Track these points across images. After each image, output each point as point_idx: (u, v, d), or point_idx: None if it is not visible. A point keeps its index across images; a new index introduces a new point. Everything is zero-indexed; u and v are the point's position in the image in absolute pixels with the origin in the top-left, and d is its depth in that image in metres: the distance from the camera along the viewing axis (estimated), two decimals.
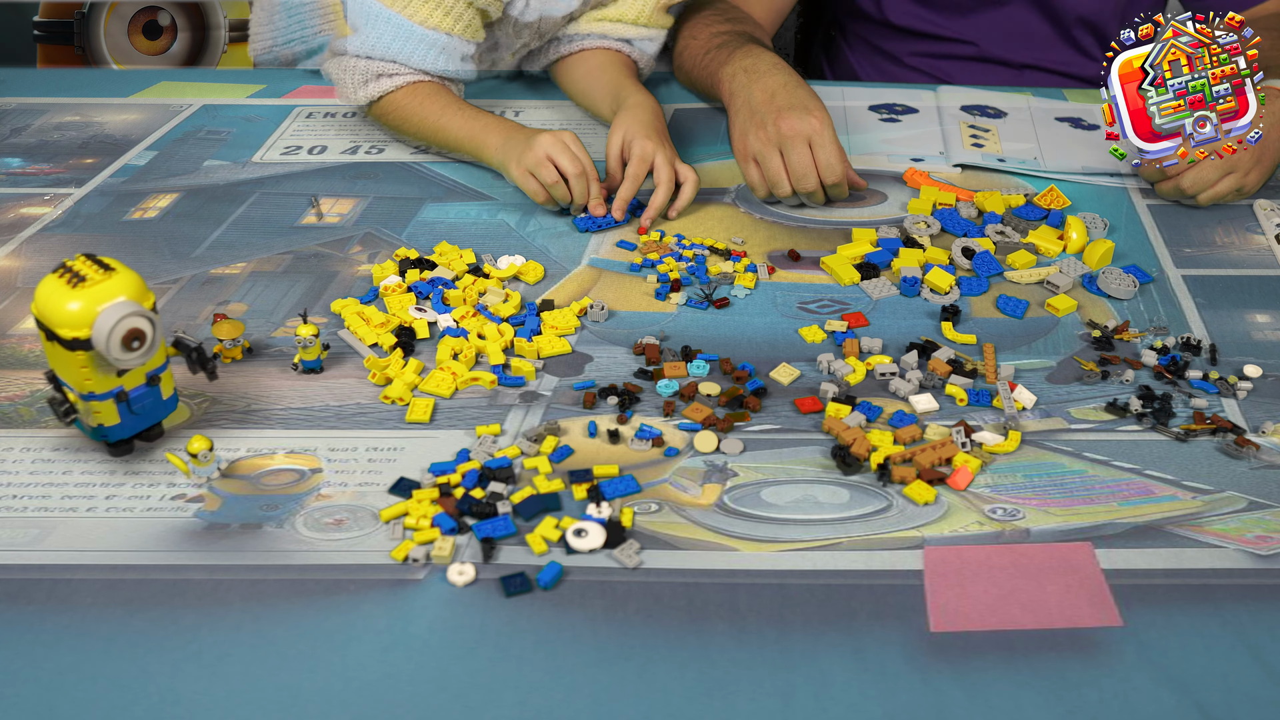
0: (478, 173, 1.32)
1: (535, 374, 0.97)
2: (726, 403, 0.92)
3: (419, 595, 0.75)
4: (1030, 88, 1.52)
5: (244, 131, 1.44)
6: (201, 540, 0.79)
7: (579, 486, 0.83)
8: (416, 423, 0.91)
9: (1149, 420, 0.90)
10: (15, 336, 1.03)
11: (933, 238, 1.18)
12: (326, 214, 1.24)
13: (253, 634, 0.72)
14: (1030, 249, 1.15)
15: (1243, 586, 0.75)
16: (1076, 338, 1.02)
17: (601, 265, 1.14)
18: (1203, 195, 1.22)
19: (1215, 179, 1.21)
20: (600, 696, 0.68)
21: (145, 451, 0.87)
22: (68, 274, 0.79)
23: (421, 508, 0.81)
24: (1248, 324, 1.04)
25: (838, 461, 0.86)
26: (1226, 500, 0.83)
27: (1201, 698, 0.67)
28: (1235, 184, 1.21)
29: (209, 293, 1.09)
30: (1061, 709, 0.67)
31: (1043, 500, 0.83)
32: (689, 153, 1.38)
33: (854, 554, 0.78)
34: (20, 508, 0.82)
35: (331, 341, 1.01)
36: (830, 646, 0.71)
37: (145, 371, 0.83)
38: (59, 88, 1.59)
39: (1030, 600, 0.74)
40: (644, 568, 0.77)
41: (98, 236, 1.20)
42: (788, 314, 1.06)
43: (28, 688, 0.68)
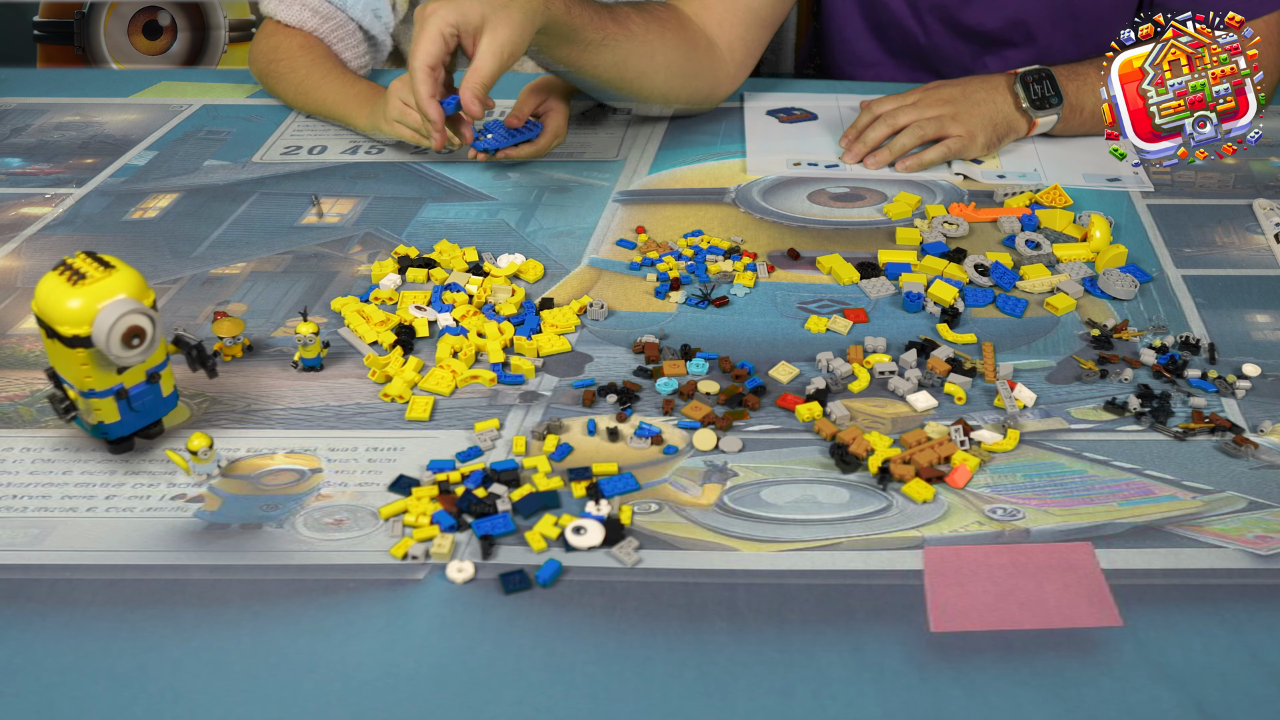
0: (478, 173, 1.32)
1: (535, 372, 0.97)
2: (725, 401, 0.93)
3: (418, 593, 0.75)
4: None
5: (244, 131, 1.44)
6: (201, 540, 0.79)
7: (578, 484, 0.83)
8: (416, 421, 0.91)
9: (1147, 419, 0.90)
10: (15, 336, 1.03)
11: (963, 238, 1.18)
12: (326, 214, 1.24)
13: (252, 633, 0.72)
14: (1051, 261, 1.14)
15: (1242, 586, 0.75)
16: (1076, 337, 1.02)
17: (601, 265, 1.14)
18: (910, 163, 1.33)
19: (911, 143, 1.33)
20: (599, 694, 0.68)
21: (145, 451, 0.87)
22: (68, 271, 0.79)
23: (421, 505, 0.81)
24: (1247, 324, 1.04)
25: (836, 460, 0.86)
26: (1226, 500, 0.83)
27: (1200, 697, 0.67)
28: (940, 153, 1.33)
29: (209, 292, 1.09)
30: (1060, 708, 0.67)
31: (1043, 500, 0.83)
32: (686, 152, 1.38)
33: (853, 554, 0.78)
34: (20, 508, 0.82)
35: (331, 340, 1.01)
36: (829, 646, 0.71)
37: (145, 369, 0.83)
38: (59, 88, 1.59)
39: (1030, 600, 0.74)
40: (643, 567, 0.77)
41: (98, 236, 1.20)
42: (787, 313, 1.06)
43: (28, 686, 0.68)
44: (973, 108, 1.34)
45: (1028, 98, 1.34)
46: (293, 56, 1.41)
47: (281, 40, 1.42)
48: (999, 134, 1.35)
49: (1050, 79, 1.34)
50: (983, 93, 1.35)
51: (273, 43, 1.43)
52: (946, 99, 1.35)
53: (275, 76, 1.43)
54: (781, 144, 1.40)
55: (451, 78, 1.14)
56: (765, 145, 1.39)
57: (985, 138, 1.34)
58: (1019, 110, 1.34)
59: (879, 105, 1.38)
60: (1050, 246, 1.15)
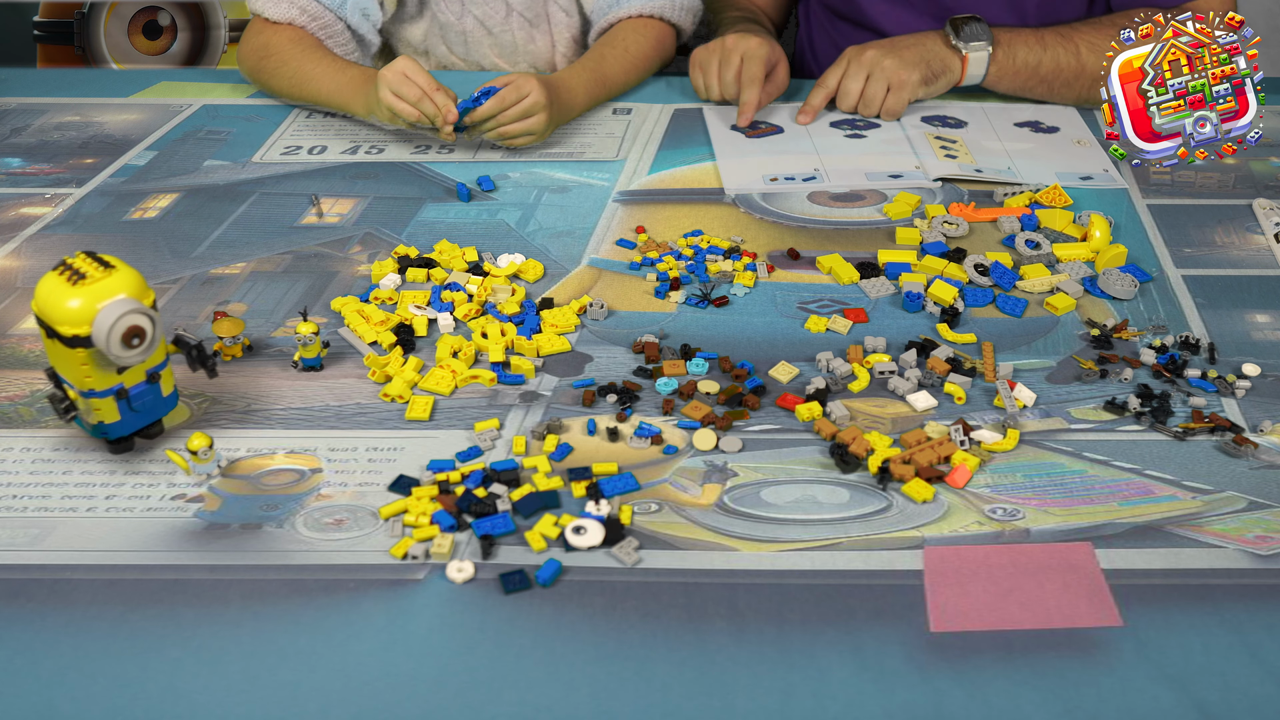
0: (478, 173, 1.32)
1: (535, 372, 0.97)
2: (725, 401, 0.93)
3: (418, 593, 0.75)
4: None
5: (244, 131, 1.44)
6: (201, 540, 0.79)
7: (578, 484, 0.83)
8: (416, 420, 0.91)
9: (1147, 419, 0.90)
10: (15, 336, 1.03)
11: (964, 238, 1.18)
12: (326, 214, 1.24)
13: (252, 633, 0.72)
14: (1051, 261, 1.14)
15: (1242, 586, 0.75)
16: (1076, 337, 1.02)
17: (601, 265, 1.14)
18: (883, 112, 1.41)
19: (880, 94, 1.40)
20: (599, 694, 0.68)
21: (145, 451, 0.87)
22: (68, 271, 0.79)
23: (421, 505, 0.81)
24: (1247, 324, 1.04)
25: (836, 460, 0.86)
26: (1226, 500, 0.83)
27: (1200, 697, 0.67)
28: (899, 99, 1.39)
29: (209, 292, 1.09)
30: (1060, 708, 0.67)
31: (1043, 500, 0.83)
32: (686, 152, 1.38)
33: (853, 554, 0.78)
34: (20, 508, 0.82)
35: (331, 340, 1.01)
36: (829, 645, 0.71)
37: (145, 369, 0.83)
38: (59, 88, 1.59)
39: (1030, 600, 0.74)
40: (643, 567, 0.77)
41: (98, 236, 1.20)
42: (787, 313, 1.06)
43: (28, 686, 0.68)
44: (902, 51, 1.40)
45: (956, 34, 1.39)
46: (283, 50, 1.42)
47: (271, 36, 1.43)
48: (933, 70, 1.40)
49: (980, 22, 1.40)
50: (911, 39, 1.42)
51: (261, 39, 1.44)
52: (875, 49, 1.41)
53: (267, 72, 1.44)
54: (753, 158, 1.37)
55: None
56: (736, 160, 1.36)
57: (919, 74, 1.39)
58: (949, 47, 1.40)
59: (827, 79, 1.44)
60: (1050, 246, 1.15)
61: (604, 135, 1.42)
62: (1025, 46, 1.41)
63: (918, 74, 1.39)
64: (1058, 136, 1.40)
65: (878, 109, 1.42)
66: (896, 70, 1.39)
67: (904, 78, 1.39)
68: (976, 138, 1.39)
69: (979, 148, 1.37)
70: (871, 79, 1.40)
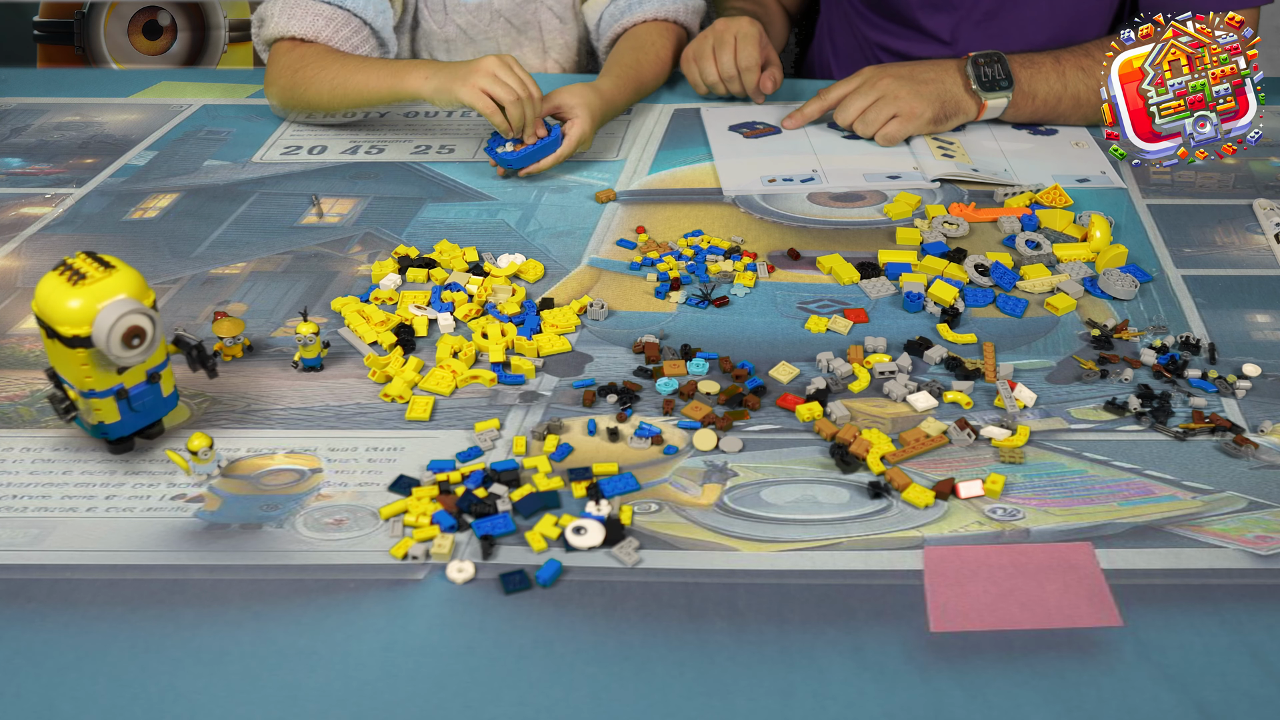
0: (478, 173, 1.32)
1: (535, 372, 0.97)
2: (726, 401, 0.93)
3: (418, 593, 0.75)
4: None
5: (244, 131, 1.44)
6: (201, 540, 0.79)
7: (578, 484, 0.83)
8: (416, 420, 0.91)
9: (1148, 419, 0.90)
10: (15, 336, 1.03)
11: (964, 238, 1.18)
12: (326, 214, 1.24)
13: (253, 633, 0.72)
14: (1051, 261, 1.14)
15: (1242, 586, 0.75)
16: (1076, 337, 1.02)
17: (601, 265, 1.14)
18: (879, 137, 1.37)
19: (882, 120, 1.36)
20: (599, 694, 0.68)
21: (145, 451, 0.87)
22: (68, 271, 0.79)
23: (421, 505, 0.81)
24: (1247, 324, 1.04)
25: (836, 460, 0.86)
26: (1226, 500, 0.83)
27: (1201, 697, 0.67)
28: (901, 128, 1.35)
29: (209, 292, 1.09)
30: (1060, 708, 0.67)
31: (1043, 500, 0.83)
32: (687, 152, 1.38)
33: (853, 554, 0.78)
34: (20, 508, 0.82)
35: (331, 340, 1.01)
36: (829, 645, 0.71)
37: (145, 369, 0.83)
38: (59, 88, 1.59)
39: (1030, 600, 0.74)
40: (643, 567, 0.77)
41: (98, 236, 1.20)
42: (787, 313, 1.06)
43: (28, 686, 0.68)
44: (920, 85, 1.36)
45: (977, 79, 1.35)
46: (320, 60, 1.37)
47: (299, 53, 1.39)
48: (946, 111, 1.36)
49: (1002, 62, 1.36)
50: (931, 72, 1.37)
51: (290, 58, 1.39)
52: (894, 76, 1.37)
53: (303, 85, 1.38)
54: (750, 159, 1.37)
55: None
56: (734, 161, 1.36)
57: (932, 112, 1.35)
58: (968, 91, 1.36)
59: (830, 93, 1.40)
60: (1050, 246, 1.15)
61: (604, 135, 1.42)
62: (1045, 83, 1.37)
63: (930, 112, 1.35)
64: (1056, 138, 1.40)
65: (875, 131, 1.37)
66: (910, 102, 1.35)
67: (917, 111, 1.35)
68: (974, 139, 1.39)
69: (977, 148, 1.37)
70: (880, 102, 1.36)
